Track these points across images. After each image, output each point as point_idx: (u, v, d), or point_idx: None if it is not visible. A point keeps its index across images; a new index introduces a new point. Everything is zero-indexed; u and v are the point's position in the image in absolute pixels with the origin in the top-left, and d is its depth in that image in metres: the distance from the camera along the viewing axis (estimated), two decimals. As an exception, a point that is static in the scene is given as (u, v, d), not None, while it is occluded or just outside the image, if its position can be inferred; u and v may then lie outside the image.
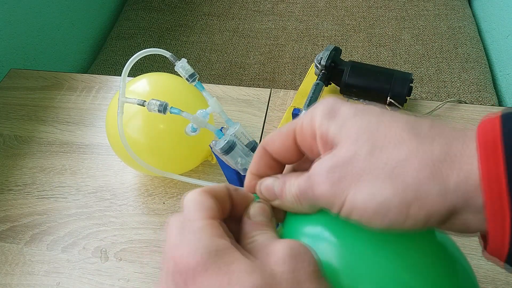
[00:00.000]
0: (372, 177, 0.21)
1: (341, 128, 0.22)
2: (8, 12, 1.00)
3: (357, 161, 0.21)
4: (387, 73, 0.60)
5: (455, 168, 0.20)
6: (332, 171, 0.22)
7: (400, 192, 0.20)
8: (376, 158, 0.21)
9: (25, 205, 0.60)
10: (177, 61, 0.45)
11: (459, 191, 0.19)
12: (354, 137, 0.22)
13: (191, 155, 0.57)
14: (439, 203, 0.20)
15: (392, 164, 0.20)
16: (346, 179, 0.21)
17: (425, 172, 0.20)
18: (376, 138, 0.21)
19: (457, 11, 1.25)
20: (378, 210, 0.20)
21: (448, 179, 0.20)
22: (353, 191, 0.21)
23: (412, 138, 0.21)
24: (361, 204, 0.21)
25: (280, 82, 1.13)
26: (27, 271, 0.53)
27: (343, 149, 0.22)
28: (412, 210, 0.20)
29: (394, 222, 0.20)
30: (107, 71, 1.19)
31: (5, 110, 0.72)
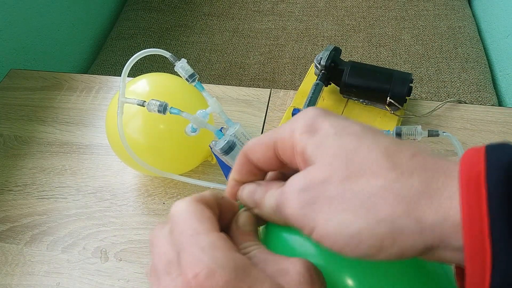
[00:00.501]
0: (345, 206, 0.20)
1: (318, 146, 0.21)
2: (8, 12, 1.00)
3: (330, 185, 0.20)
4: (387, 73, 0.60)
5: (434, 205, 0.18)
6: (303, 192, 0.21)
7: (373, 225, 0.19)
8: (350, 185, 0.20)
9: (25, 205, 0.60)
10: (177, 61, 0.45)
11: (436, 229, 0.18)
12: (330, 159, 0.21)
13: (191, 155, 0.57)
14: (413, 240, 0.19)
15: (366, 194, 0.19)
16: (317, 203, 0.20)
17: (401, 207, 0.19)
18: (353, 163, 0.20)
19: (457, 11, 1.25)
20: (349, 241, 0.19)
21: (425, 216, 0.18)
22: (324, 218, 0.20)
23: (390, 168, 0.20)
24: (332, 233, 0.20)
25: (280, 82, 1.13)
26: (27, 272, 0.53)
27: (318, 170, 0.21)
28: (385, 244, 0.19)
29: (367, 254, 0.19)
30: (107, 71, 1.19)
31: (5, 110, 0.72)
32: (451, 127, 0.63)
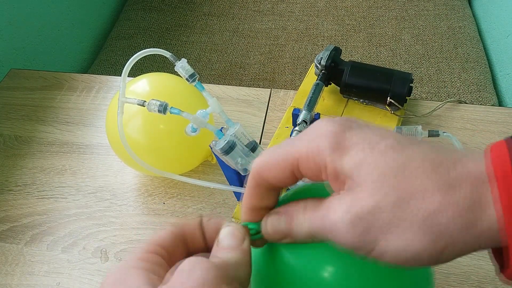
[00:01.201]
0: (403, 228, 0.20)
1: (358, 166, 0.21)
2: (8, 12, 1.00)
3: (384, 211, 0.20)
4: (387, 73, 0.60)
5: (486, 212, 0.19)
6: (357, 221, 0.20)
7: (435, 243, 0.20)
8: (404, 209, 0.20)
9: (25, 205, 0.60)
10: (177, 61, 0.45)
11: (487, 235, 0.20)
12: (378, 183, 0.20)
13: (191, 155, 0.57)
14: (471, 247, 0.20)
15: (424, 214, 0.20)
16: (373, 230, 0.20)
17: (459, 221, 0.19)
18: (402, 186, 0.20)
19: (457, 11, 1.25)
20: (411, 259, 0.20)
21: (478, 227, 0.19)
22: (383, 242, 0.20)
23: (440, 182, 0.20)
24: (394, 253, 0.20)
25: (280, 82, 1.13)
26: (27, 271, 0.53)
27: (366, 195, 0.20)
28: (444, 255, 0.20)
29: (425, 265, 0.21)
30: (107, 71, 1.19)
31: (5, 110, 0.72)
32: (452, 127, 0.63)
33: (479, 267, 0.49)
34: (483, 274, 0.48)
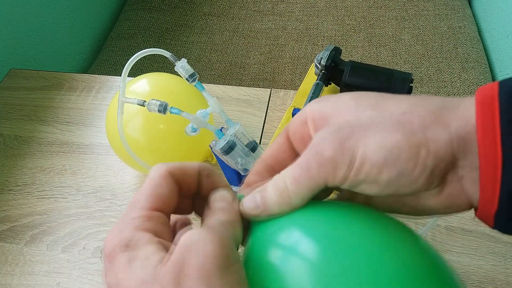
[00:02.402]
0: (380, 128, 0.21)
1: (336, 104, 0.23)
2: (8, 12, 1.00)
3: (362, 119, 0.21)
4: (387, 73, 0.60)
5: (456, 114, 0.21)
6: (340, 131, 0.22)
7: (409, 136, 0.20)
8: (380, 112, 0.21)
9: (25, 205, 0.60)
10: (177, 61, 0.45)
11: (460, 135, 0.20)
12: (354, 105, 0.22)
13: (191, 155, 0.57)
14: (445, 147, 0.20)
15: (397, 114, 0.21)
16: (355, 135, 0.21)
17: (430, 117, 0.21)
18: (377, 102, 0.22)
19: (457, 11, 1.25)
20: (388, 157, 0.20)
21: (450, 123, 0.20)
22: (363, 144, 0.21)
23: (409, 98, 0.22)
24: (372, 154, 0.21)
25: (280, 82, 1.13)
26: (27, 271, 0.53)
27: (345, 116, 0.22)
28: (422, 154, 0.20)
29: (404, 171, 0.20)
30: (107, 71, 1.19)
31: (5, 110, 0.72)
32: (451, 127, 0.63)
33: (479, 267, 0.49)
34: (483, 274, 0.48)
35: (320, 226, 0.22)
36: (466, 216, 0.52)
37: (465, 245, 0.50)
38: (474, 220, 0.52)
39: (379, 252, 0.20)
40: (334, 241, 0.21)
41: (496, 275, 0.48)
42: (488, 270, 0.48)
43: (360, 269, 0.20)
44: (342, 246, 0.21)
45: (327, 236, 0.21)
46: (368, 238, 0.21)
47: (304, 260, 0.21)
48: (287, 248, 0.22)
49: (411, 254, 0.21)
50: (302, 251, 0.21)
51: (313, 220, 0.23)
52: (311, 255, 0.21)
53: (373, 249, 0.21)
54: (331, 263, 0.20)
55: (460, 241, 0.50)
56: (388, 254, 0.21)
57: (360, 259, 0.20)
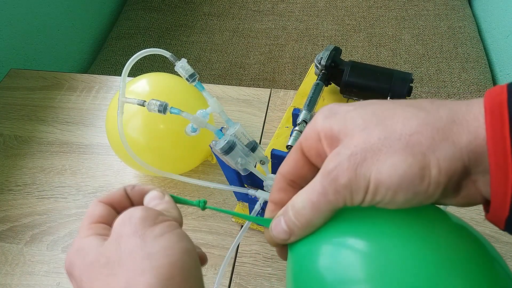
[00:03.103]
0: (391, 152, 0.21)
1: (345, 121, 0.23)
2: (8, 12, 1.00)
3: (373, 143, 0.22)
4: (387, 73, 0.60)
5: (464, 128, 0.21)
6: (353, 157, 0.22)
7: (419, 158, 0.21)
8: (389, 135, 0.22)
9: (25, 205, 0.60)
10: (177, 61, 0.45)
11: (470, 149, 0.20)
12: (362, 125, 0.23)
13: (191, 155, 0.57)
14: (456, 163, 0.21)
15: (406, 136, 0.21)
16: (367, 160, 0.22)
17: (438, 136, 0.21)
18: (384, 120, 0.22)
19: (457, 11, 1.25)
20: (402, 181, 0.21)
21: (460, 140, 0.21)
22: (376, 168, 0.21)
23: (418, 112, 0.22)
24: (386, 178, 0.21)
25: (280, 82, 1.13)
26: (27, 271, 0.53)
27: (355, 137, 0.22)
28: (433, 173, 0.21)
29: (419, 190, 0.21)
30: (107, 71, 1.19)
31: (5, 110, 0.72)
32: (451, 127, 0.63)
33: (479, 267, 0.49)
34: (483, 274, 0.48)
35: (357, 235, 0.23)
36: (465, 216, 0.52)
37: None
38: (474, 220, 0.52)
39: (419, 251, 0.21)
40: (370, 250, 0.22)
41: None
42: (488, 270, 0.48)
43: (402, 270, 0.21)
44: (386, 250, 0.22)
45: (364, 246, 0.22)
46: (402, 235, 0.22)
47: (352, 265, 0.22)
48: (333, 262, 0.23)
49: (451, 238, 0.22)
50: (348, 262, 0.22)
51: (348, 232, 0.24)
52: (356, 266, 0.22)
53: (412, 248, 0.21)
54: (373, 270, 0.21)
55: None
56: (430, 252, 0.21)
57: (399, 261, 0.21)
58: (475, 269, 0.21)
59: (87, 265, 0.25)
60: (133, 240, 0.24)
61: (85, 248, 0.25)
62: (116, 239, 0.25)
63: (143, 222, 0.25)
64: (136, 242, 0.24)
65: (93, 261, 0.24)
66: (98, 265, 0.24)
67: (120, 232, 0.25)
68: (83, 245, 0.26)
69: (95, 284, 0.24)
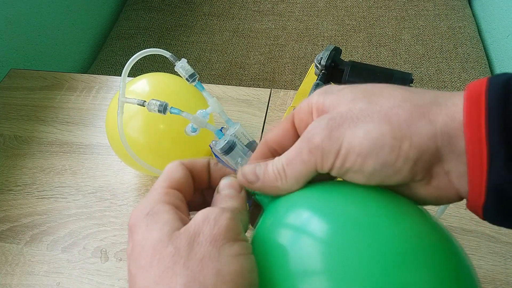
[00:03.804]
0: (367, 120, 0.22)
1: (337, 97, 0.24)
2: (8, 12, 1.00)
3: (354, 111, 0.23)
4: (387, 73, 0.60)
5: (443, 110, 0.21)
6: (331, 121, 0.23)
7: (394, 129, 0.21)
8: (372, 105, 0.23)
9: (25, 205, 0.60)
10: (177, 61, 0.45)
11: (445, 131, 0.21)
12: (350, 98, 0.24)
13: (191, 155, 0.57)
14: (428, 141, 0.21)
15: (386, 108, 0.22)
16: (343, 126, 0.22)
17: (416, 112, 0.22)
18: (371, 95, 0.23)
19: (457, 11, 1.25)
20: (372, 147, 0.21)
21: (436, 119, 0.21)
22: (350, 133, 0.22)
23: (404, 92, 0.23)
24: (357, 143, 0.22)
25: (280, 82, 1.13)
26: (27, 271, 0.53)
27: (340, 107, 0.23)
28: (404, 146, 0.21)
29: (387, 161, 0.21)
30: (107, 71, 1.19)
31: (5, 110, 0.72)
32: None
33: (479, 267, 0.49)
34: (483, 274, 0.48)
35: (325, 204, 0.23)
36: (466, 216, 0.52)
37: (465, 245, 0.50)
38: (474, 220, 0.52)
39: (385, 223, 0.21)
40: (339, 217, 0.22)
41: (496, 275, 0.48)
42: (488, 270, 0.48)
43: (367, 242, 0.20)
44: (346, 222, 0.21)
45: (332, 212, 0.22)
46: (372, 211, 0.22)
47: (310, 236, 0.22)
48: (293, 226, 0.23)
49: (419, 226, 0.22)
50: (308, 228, 0.22)
51: (318, 199, 0.24)
52: (315, 231, 0.22)
53: (377, 220, 0.21)
54: (336, 236, 0.21)
55: (460, 241, 0.50)
56: (394, 225, 0.21)
57: (366, 232, 0.21)
58: (440, 262, 0.21)
59: (153, 241, 0.22)
60: (209, 247, 0.22)
61: (158, 219, 0.23)
62: (191, 236, 0.22)
63: (226, 233, 0.22)
64: (211, 251, 0.22)
65: (160, 241, 0.22)
66: (164, 251, 0.22)
67: (198, 230, 0.22)
68: (157, 212, 0.23)
69: (151, 270, 0.22)
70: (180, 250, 0.22)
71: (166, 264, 0.21)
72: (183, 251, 0.22)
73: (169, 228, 0.22)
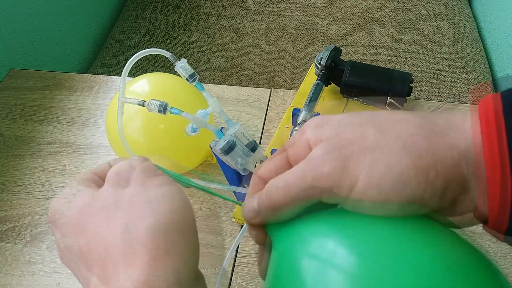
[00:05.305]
0: (386, 151, 0.20)
1: (338, 124, 0.22)
2: (8, 12, 1.00)
3: (367, 139, 0.20)
4: (387, 73, 0.60)
5: (461, 135, 0.20)
6: (344, 148, 0.20)
7: (417, 160, 0.19)
8: (385, 134, 0.20)
9: (25, 205, 0.60)
10: (177, 61, 0.45)
11: (468, 157, 0.20)
12: (357, 123, 0.22)
13: (191, 155, 0.57)
14: (454, 168, 0.20)
15: (403, 137, 0.20)
16: (359, 156, 0.20)
17: (437, 139, 0.20)
18: (381, 121, 0.21)
19: (457, 11, 1.25)
20: (397, 183, 0.19)
21: (458, 144, 0.20)
22: (367, 167, 0.20)
23: (414, 116, 0.21)
24: (377, 179, 0.19)
25: (280, 82, 1.13)
26: (27, 271, 0.53)
27: (348, 132, 0.21)
28: (430, 176, 0.19)
29: (414, 194, 0.19)
30: (107, 71, 1.19)
31: (5, 110, 0.72)
32: (451, 127, 0.63)
33: (479, 267, 0.49)
34: (483, 274, 0.48)
35: (349, 232, 0.21)
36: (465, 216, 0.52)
37: (465, 245, 0.50)
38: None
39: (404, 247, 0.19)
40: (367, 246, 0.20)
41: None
42: (488, 270, 0.48)
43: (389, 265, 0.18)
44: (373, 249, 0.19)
45: (357, 241, 0.20)
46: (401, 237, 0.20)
47: (336, 269, 0.19)
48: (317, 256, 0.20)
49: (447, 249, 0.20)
50: (334, 260, 0.20)
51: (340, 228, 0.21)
52: (341, 262, 0.19)
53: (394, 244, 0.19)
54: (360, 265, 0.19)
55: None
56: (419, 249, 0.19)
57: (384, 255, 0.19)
58: (478, 277, 0.19)
59: (78, 210, 0.25)
60: (133, 187, 0.25)
61: (75, 195, 0.25)
62: (112, 185, 0.25)
63: (145, 172, 0.26)
64: (136, 188, 0.25)
65: (84, 206, 0.25)
66: (91, 210, 0.24)
67: (118, 179, 0.26)
68: (72, 192, 0.26)
69: (87, 229, 0.24)
70: (106, 201, 0.24)
71: (99, 217, 0.24)
72: (109, 200, 0.24)
73: (88, 195, 0.25)
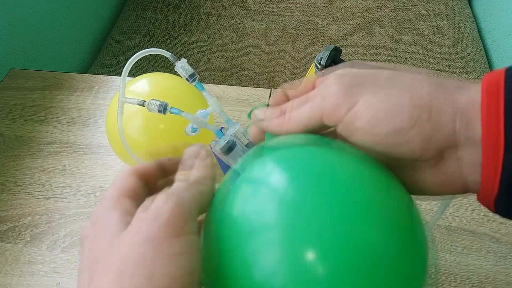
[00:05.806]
0: (391, 86, 0.22)
1: (363, 66, 0.24)
2: (8, 12, 1.00)
3: (380, 76, 0.23)
4: (387, 73, 0.60)
5: (465, 93, 0.21)
6: (353, 78, 0.23)
7: (416, 99, 0.21)
8: (397, 77, 0.22)
9: (25, 205, 0.60)
10: (177, 61, 0.45)
11: (465, 112, 0.20)
12: (378, 67, 0.24)
13: (191, 155, 0.56)
14: (446, 119, 0.21)
15: (412, 80, 0.22)
16: (366, 85, 0.22)
17: (440, 90, 0.21)
18: (399, 71, 0.23)
19: (457, 11, 1.25)
20: (390, 110, 0.21)
21: (459, 99, 0.21)
22: (371, 92, 0.22)
23: (430, 74, 0.23)
24: (375, 103, 0.21)
25: (280, 82, 1.13)
26: (27, 271, 0.53)
27: (367, 71, 0.23)
28: (422, 118, 0.21)
29: (401, 127, 0.21)
30: (107, 71, 1.19)
31: (5, 110, 0.72)
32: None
33: (479, 267, 0.49)
34: (483, 274, 0.48)
35: (300, 158, 0.22)
36: (466, 216, 0.52)
37: (465, 245, 0.50)
38: (474, 220, 0.52)
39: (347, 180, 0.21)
40: (305, 172, 0.21)
41: (496, 275, 0.48)
42: (488, 270, 0.48)
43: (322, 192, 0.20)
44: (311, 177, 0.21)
45: (300, 166, 0.21)
46: (341, 172, 0.21)
47: (266, 187, 0.21)
48: (256, 178, 0.23)
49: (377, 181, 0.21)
50: (267, 179, 0.22)
51: (295, 153, 0.23)
52: (273, 182, 0.21)
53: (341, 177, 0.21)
54: (292, 189, 0.20)
55: (460, 241, 0.50)
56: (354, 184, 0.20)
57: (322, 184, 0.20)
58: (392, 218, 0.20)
59: (97, 249, 0.22)
60: (144, 248, 0.20)
61: (103, 226, 0.22)
62: (130, 241, 0.21)
63: (166, 230, 0.20)
64: (145, 253, 0.20)
65: (103, 249, 0.21)
66: (106, 258, 0.21)
67: (138, 228, 0.21)
68: (101, 220, 0.23)
69: (94, 267, 0.21)
70: (118, 255, 0.20)
71: (109, 273, 0.20)
72: (117, 256, 0.20)
73: (112, 232, 0.21)
